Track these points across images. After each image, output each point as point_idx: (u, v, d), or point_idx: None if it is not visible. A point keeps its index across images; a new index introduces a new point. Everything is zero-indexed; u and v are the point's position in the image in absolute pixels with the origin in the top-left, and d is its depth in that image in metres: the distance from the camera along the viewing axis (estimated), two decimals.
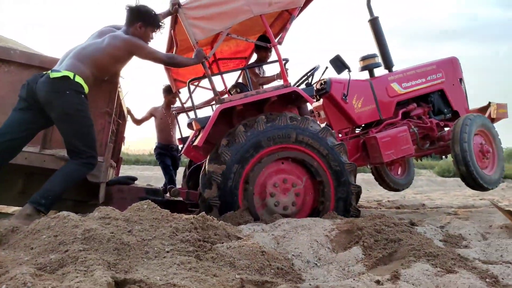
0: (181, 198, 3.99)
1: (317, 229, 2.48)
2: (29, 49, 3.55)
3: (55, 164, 2.94)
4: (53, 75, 2.65)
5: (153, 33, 3.09)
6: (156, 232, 1.98)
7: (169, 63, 3.24)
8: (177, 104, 5.13)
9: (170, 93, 5.17)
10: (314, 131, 3.17)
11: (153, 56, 3.02)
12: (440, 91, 4.33)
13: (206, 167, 3.12)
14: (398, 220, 2.63)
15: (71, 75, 2.67)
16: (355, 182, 3.24)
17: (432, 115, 4.32)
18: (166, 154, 5.41)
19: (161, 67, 4.11)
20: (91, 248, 1.71)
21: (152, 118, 5.50)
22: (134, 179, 4.02)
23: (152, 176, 10.60)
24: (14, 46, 3.33)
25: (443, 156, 4.45)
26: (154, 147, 5.57)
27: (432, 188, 10.71)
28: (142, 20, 2.97)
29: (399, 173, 5.32)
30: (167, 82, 4.89)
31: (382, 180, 5.08)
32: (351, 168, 3.20)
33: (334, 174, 3.15)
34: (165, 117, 5.38)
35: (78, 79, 2.70)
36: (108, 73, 3.02)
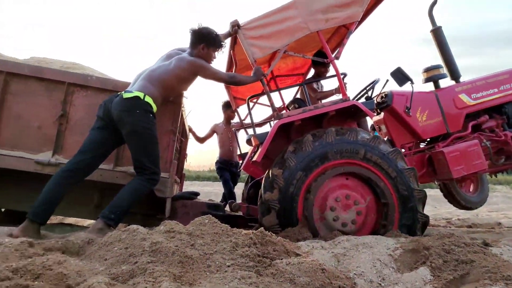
0: (241, 213, 4.07)
1: (379, 248, 2.38)
2: (104, 74, 3.90)
3: (126, 181, 3.13)
4: (126, 95, 2.90)
5: (216, 53, 3.25)
6: (217, 247, 2.04)
7: (230, 81, 3.37)
8: (236, 119, 5.30)
9: (229, 108, 5.37)
10: (385, 151, 3.07)
11: (216, 76, 3.19)
12: None
13: (271, 170, 3.14)
14: (469, 240, 2.44)
15: (141, 95, 2.89)
16: (423, 211, 3.05)
17: (507, 127, 4.00)
18: (225, 168, 5.58)
19: (221, 86, 4.28)
20: (158, 260, 1.80)
21: (215, 135, 5.73)
22: (197, 194, 4.17)
23: (212, 192, 10.89)
24: (91, 72, 3.68)
25: None
26: (214, 162, 5.80)
27: (509, 205, 9.77)
28: (205, 42, 3.16)
29: (471, 190, 4.95)
30: (226, 98, 5.09)
31: (452, 197, 4.77)
32: (420, 195, 3.02)
33: (401, 198, 3.00)
34: (225, 132, 5.60)
35: (148, 99, 2.91)
36: (174, 93, 3.23)
